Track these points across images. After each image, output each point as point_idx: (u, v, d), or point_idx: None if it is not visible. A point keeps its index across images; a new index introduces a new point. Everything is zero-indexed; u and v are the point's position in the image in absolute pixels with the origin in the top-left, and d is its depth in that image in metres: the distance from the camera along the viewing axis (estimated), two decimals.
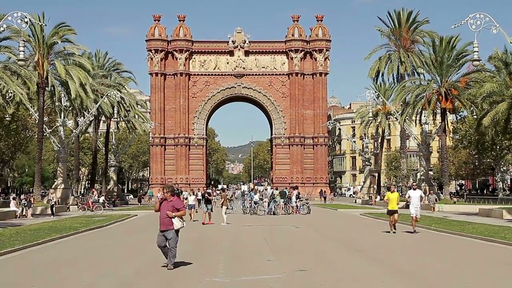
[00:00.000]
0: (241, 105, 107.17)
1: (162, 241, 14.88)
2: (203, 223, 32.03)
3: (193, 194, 39.22)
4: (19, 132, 62.53)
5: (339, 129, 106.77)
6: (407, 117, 54.61)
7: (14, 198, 44.45)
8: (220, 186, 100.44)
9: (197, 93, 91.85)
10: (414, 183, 36.09)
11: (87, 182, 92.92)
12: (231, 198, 37.74)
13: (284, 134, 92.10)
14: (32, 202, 42.46)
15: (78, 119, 58.18)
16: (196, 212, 36.77)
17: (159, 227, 14.90)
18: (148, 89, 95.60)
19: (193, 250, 20.24)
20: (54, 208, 41.18)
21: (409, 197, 26.99)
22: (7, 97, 44.12)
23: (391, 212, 25.98)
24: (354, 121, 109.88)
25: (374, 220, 37.44)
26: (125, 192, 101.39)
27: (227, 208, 35.06)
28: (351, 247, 20.89)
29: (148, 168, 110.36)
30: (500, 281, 13.69)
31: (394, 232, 25.59)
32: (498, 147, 63.45)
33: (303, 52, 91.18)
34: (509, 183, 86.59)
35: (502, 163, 72.69)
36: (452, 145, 74.00)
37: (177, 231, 14.82)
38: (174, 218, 14.72)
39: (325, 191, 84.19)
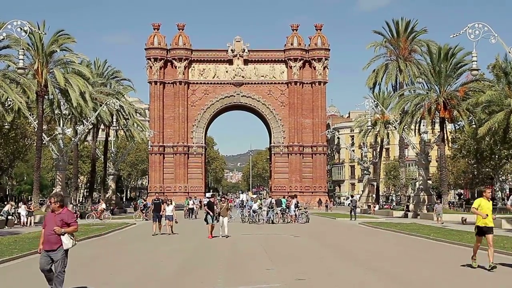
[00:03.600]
0: (240, 113, 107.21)
1: (46, 264, 11.96)
2: (212, 237, 28.75)
3: (171, 203, 33.15)
4: (18, 140, 62.46)
5: (338, 138, 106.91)
6: (405, 126, 54.63)
7: (24, 203, 44.71)
8: (208, 195, 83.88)
9: (196, 101, 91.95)
10: None
11: (85, 190, 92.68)
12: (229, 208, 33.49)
13: (283, 142, 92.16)
14: (32, 210, 42.43)
15: (77, 127, 58.17)
16: (176, 222, 33.34)
17: (43, 246, 12.05)
18: (147, 97, 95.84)
19: (191, 259, 20.21)
20: None
21: None
22: (6, 105, 44.15)
23: (483, 231, 16.49)
24: (353, 130, 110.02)
25: (373, 229, 37.44)
26: (124, 200, 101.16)
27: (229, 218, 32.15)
28: (350, 256, 20.86)
29: (147, 176, 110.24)
30: None
31: (475, 266, 16.53)
32: (497, 156, 63.46)
33: (302, 61, 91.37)
34: (507, 192, 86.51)
35: (501, 173, 72.63)
36: (451, 154, 73.97)
37: (66, 251, 11.99)
38: (63, 235, 11.90)
39: (326, 200, 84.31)
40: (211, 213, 29.39)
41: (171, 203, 33.40)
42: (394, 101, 59.46)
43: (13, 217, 40.37)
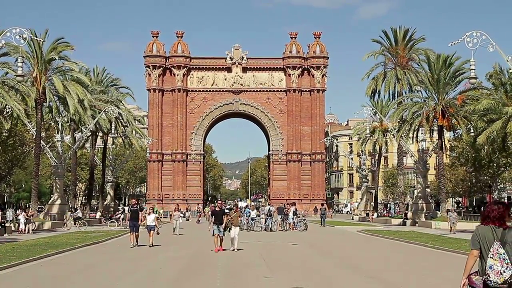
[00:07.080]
0: (239, 121, 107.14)
1: None
2: (216, 251, 25.28)
3: (153, 212, 30.49)
4: (16, 147, 62.29)
5: (337, 145, 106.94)
6: (404, 134, 54.69)
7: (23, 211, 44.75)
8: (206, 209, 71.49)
9: (195, 109, 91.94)
10: None
11: (84, 197, 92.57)
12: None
13: (281, 150, 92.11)
14: (31, 218, 42.37)
15: (76, 134, 58.17)
16: (158, 234, 30.08)
17: None
18: (146, 105, 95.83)
19: (188, 266, 20.17)
20: None
21: None
22: (4, 113, 44.15)
23: None
24: (351, 138, 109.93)
25: (371, 237, 37.45)
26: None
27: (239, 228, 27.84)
28: (348, 264, 20.84)
29: (145, 183, 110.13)
30: None
31: None
32: (495, 164, 63.47)
33: (300, 69, 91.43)
34: (506, 200, 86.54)
35: (499, 181, 72.60)
36: (449, 162, 73.99)
37: None
38: None
39: (325, 208, 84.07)
40: (216, 223, 25.80)
41: (153, 211, 31.00)
42: (393, 109, 59.54)
43: (11, 224, 40.41)
